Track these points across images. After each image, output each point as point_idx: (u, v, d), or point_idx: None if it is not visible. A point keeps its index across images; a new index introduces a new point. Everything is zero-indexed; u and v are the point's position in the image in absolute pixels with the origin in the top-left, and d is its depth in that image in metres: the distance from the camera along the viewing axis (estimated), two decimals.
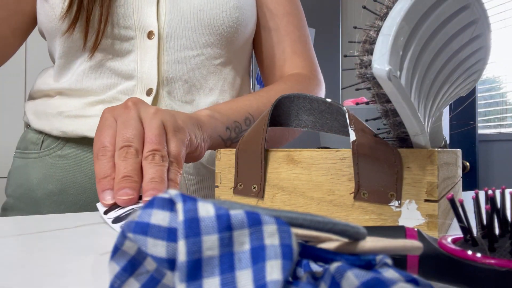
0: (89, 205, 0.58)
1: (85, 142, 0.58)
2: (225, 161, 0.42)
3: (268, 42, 0.70)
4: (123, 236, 0.15)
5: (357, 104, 0.57)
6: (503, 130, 1.88)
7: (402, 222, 0.32)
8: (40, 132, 0.61)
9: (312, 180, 0.36)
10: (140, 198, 0.39)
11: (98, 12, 0.54)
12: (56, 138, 0.59)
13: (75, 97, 0.59)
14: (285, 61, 0.70)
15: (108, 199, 0.39)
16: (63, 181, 0.58)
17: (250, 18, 0.64)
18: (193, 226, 0.13)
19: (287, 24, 0.70)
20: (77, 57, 0.59)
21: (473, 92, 1.75)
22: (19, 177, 0.60)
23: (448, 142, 0.49)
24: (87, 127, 0.57)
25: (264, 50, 0.71)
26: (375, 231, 0.22)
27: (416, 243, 0.16)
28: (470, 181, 1.85)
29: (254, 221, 0.13)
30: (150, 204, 0.14)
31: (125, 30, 0.57)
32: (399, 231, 0.22)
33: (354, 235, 0.15)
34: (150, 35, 0.57)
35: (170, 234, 0.13)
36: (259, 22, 0.70)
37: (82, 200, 0.58)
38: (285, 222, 0.14)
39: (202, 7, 0.59)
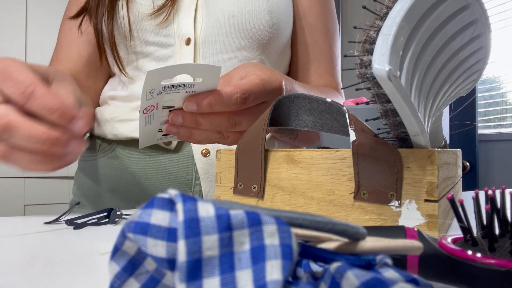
0: (136, 200, 0.63)
1: (131, 143, 0.64)
2: (225, 161, 0.42)
3: (304, 56, 0.74)
4: (123, 236, 0.15)
5: (357, 104, 0.57)
6: (503, 130, 1.87)
7: (402, 222, 0.32)
8: (98, 137, 0.67)
9: (312, 180, 0.36)
10: None
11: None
12: (110, 141, 0.66)
13: (124, 102, 0.65)
14: (317, 77, 0.74)
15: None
16: (114, 180, 0.64)
17: (283, 22, 0.67)
18: (193, 226, 0.13)
19: (324, 42, 0.74)
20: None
21: (473, 92, 1.75)
22: (81, 178, 0.69)
23: (448, 142, 0.49)
24: (132, 128, 0.62)
25: (299, 62, 0.75)
26: (375, 231, 0.22)
27: (416, 243, 0.16)
28: (470, 181, 1.85)
29: (254, 221, 0.13)
30: (150, 204, 0.14)
31: (165, 38, 0.62)
32: (399, 231, 0.22)
33: (354, 235, 0.15)
34: (188, 41, 0.62)
35: (170, 234, 0.13)
36: (297, 34, 0.73)
37: (130, 196, 0.63)
38: (285, 222, 0.14)
39: (235, 13, 0.63)
